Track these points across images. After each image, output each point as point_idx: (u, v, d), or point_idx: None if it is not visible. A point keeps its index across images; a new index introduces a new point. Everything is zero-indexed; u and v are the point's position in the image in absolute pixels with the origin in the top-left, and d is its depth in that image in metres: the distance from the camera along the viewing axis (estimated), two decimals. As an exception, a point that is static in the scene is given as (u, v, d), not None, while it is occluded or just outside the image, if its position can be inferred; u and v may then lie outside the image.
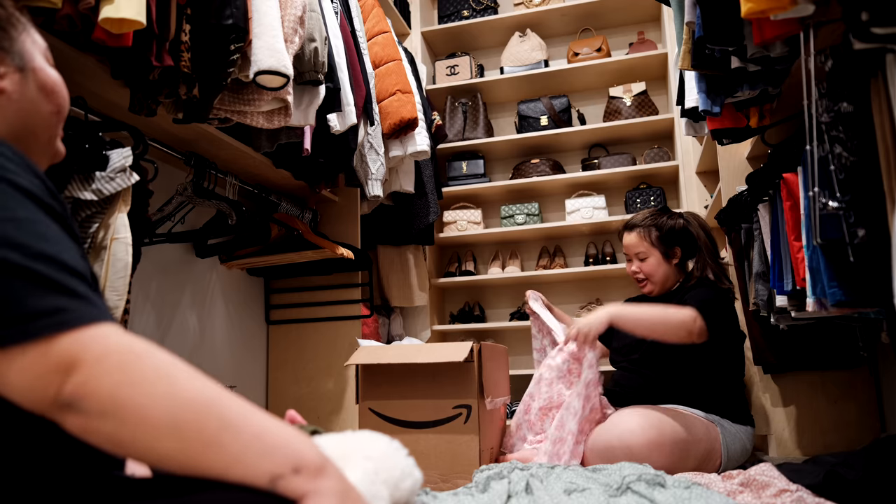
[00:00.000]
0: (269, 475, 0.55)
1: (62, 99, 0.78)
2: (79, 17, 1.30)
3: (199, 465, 0.55)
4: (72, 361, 0.54)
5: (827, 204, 1.18)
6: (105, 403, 0.54)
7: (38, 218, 0.60)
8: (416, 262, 3.27)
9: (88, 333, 0.55)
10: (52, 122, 0.77)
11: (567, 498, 1.27)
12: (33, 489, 0.59)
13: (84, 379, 0.54)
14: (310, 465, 0.57)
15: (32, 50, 0.76)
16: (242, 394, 2.40)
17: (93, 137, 1.42)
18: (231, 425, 0.56)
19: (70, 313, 0.55)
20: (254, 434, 0.56)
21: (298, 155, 2.16)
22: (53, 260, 0.57)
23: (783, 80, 1.64)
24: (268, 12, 1.67)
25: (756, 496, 1.35)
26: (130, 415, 0.54)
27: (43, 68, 0.76)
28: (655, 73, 3.54)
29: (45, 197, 0.62)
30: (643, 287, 2.13)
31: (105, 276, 1.38)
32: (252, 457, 0.55)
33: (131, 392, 0.54)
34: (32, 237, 0.57)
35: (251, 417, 0.57)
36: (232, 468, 0.55)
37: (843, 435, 2.12)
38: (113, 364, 0.55)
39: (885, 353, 2.03)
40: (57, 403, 0.54)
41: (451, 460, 1.76)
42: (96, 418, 0.54)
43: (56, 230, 0.61)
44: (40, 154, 0.77)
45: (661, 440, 1.72)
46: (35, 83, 0.75)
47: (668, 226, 2.09)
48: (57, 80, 0.78)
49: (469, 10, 3.73)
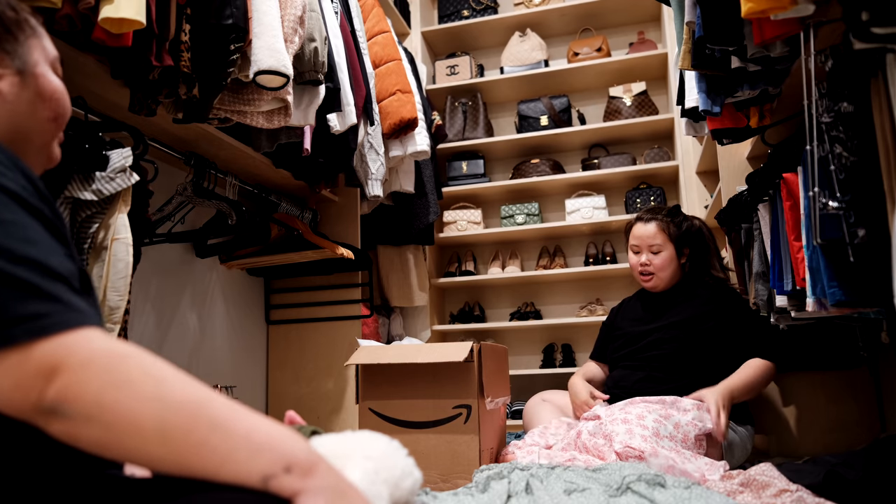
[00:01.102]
0: (260, 475, 0.55)
1: (61, 107, 0.78)
2: (79, 17, 1.30)
3: (190, 466, 0.55)
4: (54, 366, 0.53)
5: (827, 204, 1.18)
6: (90, 407, 0.53)
7: (24, 221, 0.59)
8: (416, 262, 3.27)
9: (71, 338, 0.55)
10: (48, 128, 0.77)
11: (567, 498, 1.27)
12: (26, 489, 0.59)
13: (67, 383, 0.53)
14: (301, 463, 0.56)
15: (37, 56, 0.76)
16: (242, 394, 2.40)
17: (93, 137, 1.42)
18: (220, 426, 0.55)
19: (51, 318, 0.55)
20: (243, 434, 0.56)
21: (298, 155, 2.16)
22: (37, 264, 0.57)
23: (783, 80, 1.64)
24: (268, 12, 1.67)
25: (756, 496, 1.34)
26: (117, 419, 0.53)
27: (44, 74, 0.76)
28: (655, 73, 3.54)
29: (32, 199, 0.62)
30: (647, 281, 2.11)
31: (106, 276, 1.38)
32: (243, 457, 0.55)
33: (117, 395, 0.54)
34: (16, 241, 0.57)
35: (240, 417, 0.57)
36: (222, 469, 0.55)
37: (843, 435, 2.11)
38: (98, 368, 0.54)
39: (885, 353, 2.03)
40: (39, 409, 0.54)
41: (450, 460, 1.76)
42: (82, 423, 0.54)
43: (42, 233, 0.60)
44: (33, 158, 0.76)
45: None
46: (34, 88, 0.75)
47: (686, 225, 2.11)
48: (57, 87, 0.78)
49: (469, 9, 3.73)
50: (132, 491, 0.61)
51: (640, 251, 2.12)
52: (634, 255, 2.14)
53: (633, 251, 2.15)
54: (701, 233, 2.12)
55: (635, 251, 2.13)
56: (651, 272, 2.09)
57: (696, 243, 2.11)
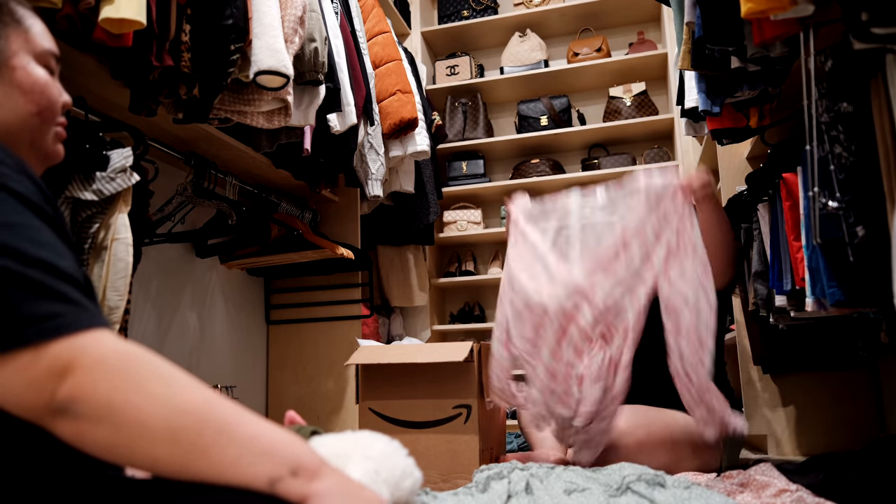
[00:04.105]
0: (267, 477, 0.55)
1: (44, 100, 0.76)
2: (79, 17, 1.30)
3: (196, 469, 0.55)
4: (66, 366, 0.54)
5: (826, 204, 1.18)
6: (101, 407, 0.54)
7: (33, 223, 0.60)
8: (416, 262, 3.27)
9: (84, 338, 0.55)
10: (33, 123, 0.75)
11: (567, 498, 1.27)
12: (31, 490, 0.59)
13: (79, 382, 0.54)
14: (307, 466, 0.57)
15: (15, 47, 0.74)
16: (242, 394, 2.40)
17: (93, 137, 1.42)
18: (228, 429, 0.56)
19: (64, 318, 0.55)
20: (250, 437, 0.56)
21: (298, 155, 2.16)
22: (48, 266, 0.57)
23: (783, 80, 1.64)
24: (268, 12, 1.67)
25: (756, 496, 1.34)
26: (127, 419, 0.54)
27: (23, 67, 0.74)
28: (655, 73, 3.54)
29: (39, 201, 0.62)
30: None
31: (106, 276, 1.38)
32: (250, 460, 0.55)
33: (128, 396, 0.54)
34: (27, 243, 0.57)
35: (245, 421, 0.57)
36: (229, 471, 0.55)
37: (843, 435, 2.12)
38: (110, 368, 0.55)
39: (885, 353, 2.03)
40: (50, 409, 0.54)
41: (451, 460, 1.76)
42: (91, 423, 0.54)
43: (50, 235, 0.60)
44: (26, 155, 0.75)
45: (651, 440, 1.68)
46: (11, 81, 0.73)
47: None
48: (38, 80, 0.75)
49: (469, 10, 3.73)
50: (137, 491, 0.61)
51: None
52: None
53: None
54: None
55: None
56: None
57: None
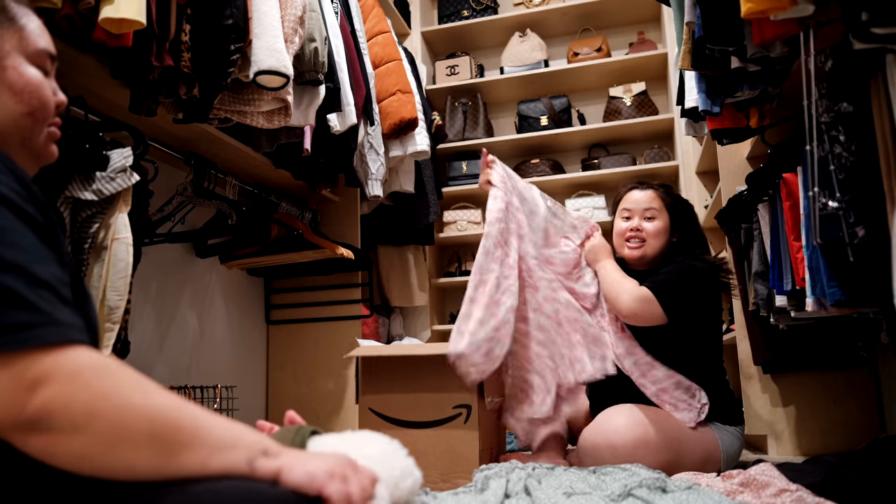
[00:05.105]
0: (246, 459, 0.58)
1: (36, 100, 0.75)
2: (79, 17, 1.30)
3: (176, 466, 0.56)
4: (37, 379, 0.53)
5: (827, 204, 1.18)
6: (78, 417, 0.53)
7: (13, 226, 0.59)
8: (416, 262, 3.27)
9: (56, 351, 0.55)
10: (24, 123, 0.74)
11: (567, 499, 1.27)
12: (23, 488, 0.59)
13: (54, 395, 0.53)
14: (272, 447, 0.61)
15: (10, 48, 0.73)
16: (242, 394, 2.40)
17: (93, 137, 1.42)
18: (202, 424, 0.58)
19: (33, 330, 0.54)
20: (222, 430, 0.60)
21: (298, 155, 2.16)
22: (22, 271, 0.56)
23: (783, 80, 1.64)
24: (268, 12, 1.67)
25: (756, 496, 1.34)
26: (109, 426, 0.54)
27: (15, 67, 0.73)
28: (655, 73, 3.54)
29: (24, 204, 0.61)
30: (635, 249, 1.92)
31: (106, 276, 1.38)
32: (229, 447, 0.58)
33: (108, 404, 0.55)
34: (3, 247, 0.56)
35: (211, 416, 0.60)
36: (210, 461, 0.57)
37: (843, 435, 2.12)
38: (87, 379, 0.55)
39: (885, 353, 2.03)
40: (18, 423, 0.53)
41: (450, 460, 1.76)
42: (66, 435, 0.53)
43: (31, 239, 0.59)
44: (18, 156, 0.74)
45: (647, 438, 1.67)
46: (3, 81, 0.72)
47: (682, 202, 2.01)
48: (31, 80, 0.74)
49: (469, 10, 3.73)
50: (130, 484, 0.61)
51: (631, 217, 1.95)
52: (625, 221, 1.96)
53: (622, 217, 1.98)
54: (695, 215, 2.02)
55: (626, 217, 1.96)
56: (643, 237, 1.91)
57: (689, 225, 1.98)
